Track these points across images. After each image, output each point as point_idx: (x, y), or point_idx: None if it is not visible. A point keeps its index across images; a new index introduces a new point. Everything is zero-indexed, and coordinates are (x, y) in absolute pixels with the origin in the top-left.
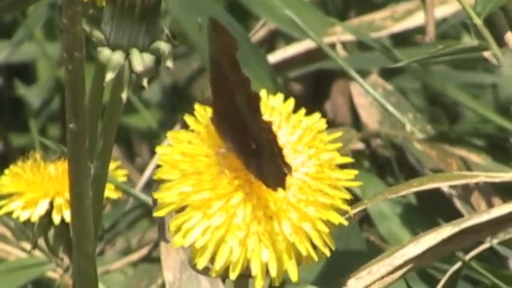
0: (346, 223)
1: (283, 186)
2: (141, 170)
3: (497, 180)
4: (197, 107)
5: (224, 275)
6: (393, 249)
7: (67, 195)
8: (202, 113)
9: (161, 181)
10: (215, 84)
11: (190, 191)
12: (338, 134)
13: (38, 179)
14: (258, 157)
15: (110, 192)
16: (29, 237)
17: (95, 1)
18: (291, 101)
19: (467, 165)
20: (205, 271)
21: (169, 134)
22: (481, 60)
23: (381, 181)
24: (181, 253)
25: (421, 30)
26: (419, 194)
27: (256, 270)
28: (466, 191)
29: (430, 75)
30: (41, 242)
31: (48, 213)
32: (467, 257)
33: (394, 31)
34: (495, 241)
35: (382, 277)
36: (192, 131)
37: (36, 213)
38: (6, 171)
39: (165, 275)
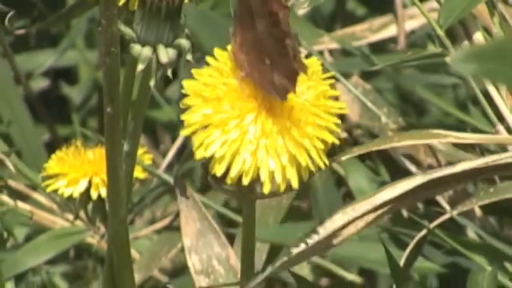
0: (337, 142)
1: (294, 87)
2: (164, 155)
3: (463, 141)
4: (216, 49)
5: (237, 185)
6: (373, 193)
7: (103, 175)
8: (220, 54)
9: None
10: (240, 18)
11: (211, 113)
12: (332, 73)
13: (79, 162)
14: (272, 71)
15: (138, 172)
16: (72, 210)
17: (127, 5)
18: None
19: (432, 151)
20: (221, 182)
21: (193, 70)
22: (443, 65)
23: (361, 164)
24: (198, 223)
25: (394, 40)
26: (392, 174)
27: (264, 176)
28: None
29: (401, 77)
30: (82, 214)
31: (87, 190)
32: (432, 225)
33: (371, 41)
34: (455, 212)
35: (364, 214)
36: (213, 67)
37: (77, 190)
38: (53, 156)
39: (184, 241)
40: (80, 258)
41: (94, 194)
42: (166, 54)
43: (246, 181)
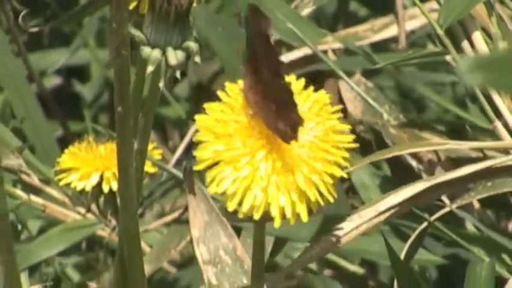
0: (346, 176)
1: (296, 135)
2: (173, 151)
3: (462, 147)
4: (228, 84)
5: (249, 217)
6: (378, 199)
7: (114, 169)
8: (232, 89)
9: (198, 143)
10: (248, 62)
11: (222, 149)
12: (338, 107)
13: (91, 157)
14: (277, 116)
15: (148, 167)
16: (83, 203)
17: (138, 9)
18: (302, 80)
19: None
20: (234, 215)
21: (206, 105)
22: (443, 63)
23: (364, 158)
24: (205, 215)
25: (395, 39)
26: (393, 169)
27: (275, 212)
28: (431, 166)
29: (402, 75)
30: (93, 207)
31: (99, 184)
32: (432, 218)
33: (373, 40)
34: (454, 205)
35: (369, 219)
36: (224, 103)
37: (89, 184)
38: (66, 151)
39: (192, 232)
40: (91, 250)
41: (105, 188)
42: (175, 57)
43: (257, 216)
